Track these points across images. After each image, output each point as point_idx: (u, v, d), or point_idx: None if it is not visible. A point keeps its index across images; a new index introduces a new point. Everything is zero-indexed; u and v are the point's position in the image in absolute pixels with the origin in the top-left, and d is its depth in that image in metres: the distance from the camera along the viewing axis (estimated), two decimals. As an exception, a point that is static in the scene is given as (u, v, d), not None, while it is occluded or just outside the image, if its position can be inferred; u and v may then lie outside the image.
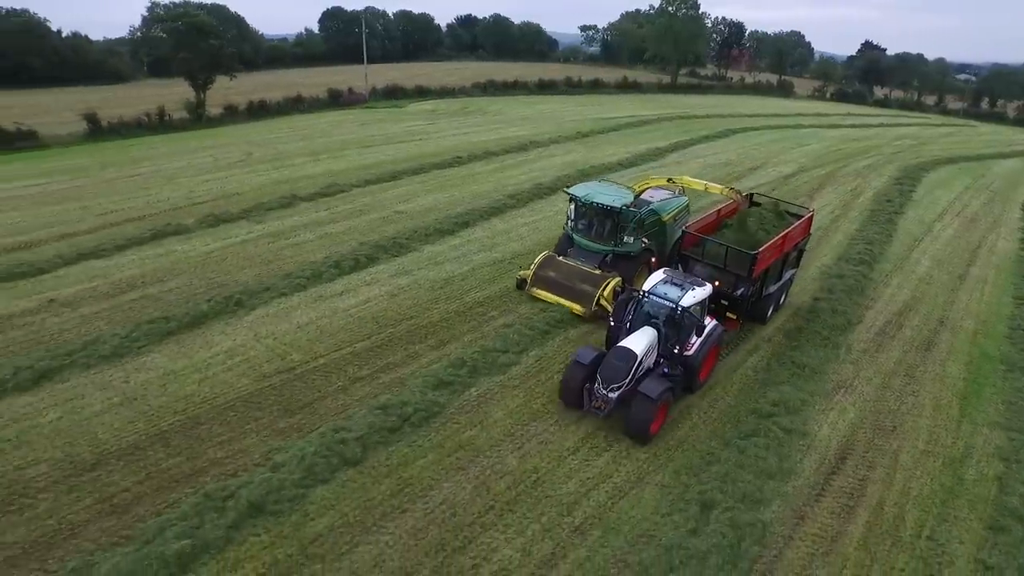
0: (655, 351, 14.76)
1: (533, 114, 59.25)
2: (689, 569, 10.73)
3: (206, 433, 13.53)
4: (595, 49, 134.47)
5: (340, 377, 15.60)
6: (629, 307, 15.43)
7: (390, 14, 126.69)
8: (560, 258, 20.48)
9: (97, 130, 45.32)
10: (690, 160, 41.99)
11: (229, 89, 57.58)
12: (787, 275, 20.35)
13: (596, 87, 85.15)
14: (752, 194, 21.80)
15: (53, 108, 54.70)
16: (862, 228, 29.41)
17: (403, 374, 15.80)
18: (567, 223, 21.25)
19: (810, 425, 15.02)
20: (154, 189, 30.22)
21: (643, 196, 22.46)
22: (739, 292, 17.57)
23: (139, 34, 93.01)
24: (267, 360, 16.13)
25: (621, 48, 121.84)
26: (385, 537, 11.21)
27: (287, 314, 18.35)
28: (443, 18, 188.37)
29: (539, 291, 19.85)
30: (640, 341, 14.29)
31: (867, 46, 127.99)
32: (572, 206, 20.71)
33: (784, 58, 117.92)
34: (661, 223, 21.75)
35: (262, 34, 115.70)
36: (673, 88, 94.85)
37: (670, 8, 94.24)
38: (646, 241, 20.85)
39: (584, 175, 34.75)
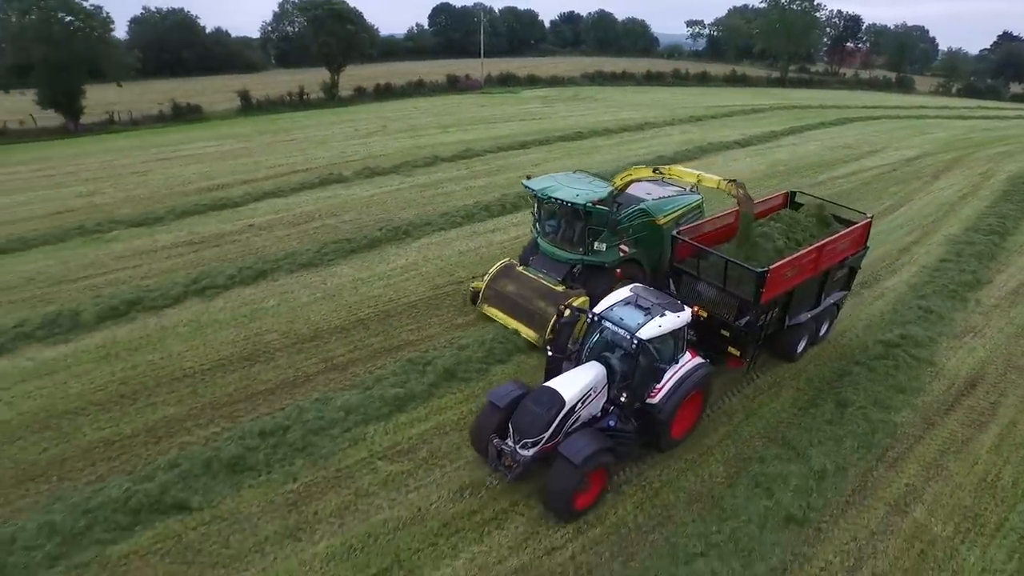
0: (602, 395, 11.03)
1: (644, 101, 60.34)
2: (827, 447, 12.05)
3: (397, 322, 16.10)
4: (700, 45, 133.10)
5: (502, 290, 17.84)
6: (587, 334, 11.84)
7: (496, 10, 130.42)
8: (520, 268, 16.48)
9: (248, 106, 50.96)
10: (806, 143, 41.92)
11: (353, 76, 62.56)
12: (829, 300, 15.45)
13: (704, 80, 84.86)
14: (793, 192, 17.32)
15: (204, 91, 60.96)
16: (994, 205, 28.88)
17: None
18: (534, 224, 17.22)
19: (938, 357, 15.67)
20: (309, 150, 34.12)
21: (637, 191, 17.45)
22: (743, 322, 13.06)
23: (270, 28, 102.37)
24: (437, 275, 18.64)
25: (728, 44, 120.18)
26: (559, 402, 13.20)
27: (448, 243, 20.93)
28: (546, 15, 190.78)
29: (490, 309, 16.05)
30: (576, 381, 10.64)
31: (1005, 37, 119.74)
32: (537, 202, 16.57)
33: (905, 53, 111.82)
34: (655, 227, 16.66)
35: (377, 28, 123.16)
36: (782, 83, 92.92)
37: (782, 0, 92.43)
38: (626, 250, 16.06)
39: (703, 151, 35.91)
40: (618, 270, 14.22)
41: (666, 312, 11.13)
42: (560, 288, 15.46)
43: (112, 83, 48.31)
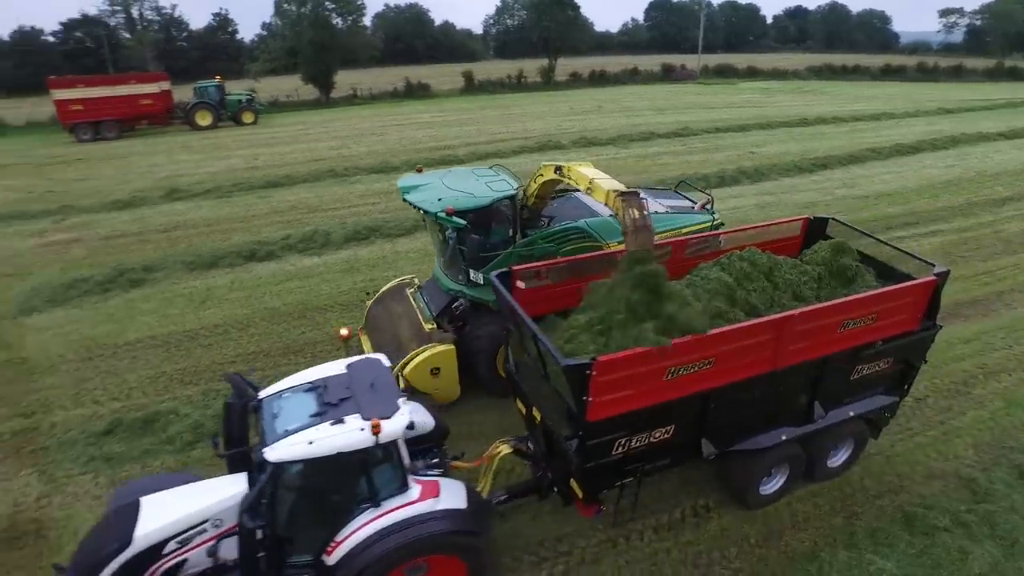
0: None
1: (880, 95, 54.52)
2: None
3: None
4: (956, 38, 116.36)
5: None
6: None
7: (714, 3, 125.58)
8: (411, 291, 12.54)
9: (470, 86, 54.74)
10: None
11: (567, 65, 64.48)
12: (843, 412, 8.64)
13: (957, 74, 74.28)
14: (823, 219, 10.12)
15: (432, 75, 66.16)
16: None
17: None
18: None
19: None
20: (527, 123, 35.93)
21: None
22: (572, 444, 7.09)
23: (492, 21, 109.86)
24: (650, 233, 18.50)
25: (994, 34, 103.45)
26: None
27: None
28: (769, 9, 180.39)
29: (364, 336, 12.38)
30: (186, 503, 6.43)
31: None
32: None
33: None
34: None
35: (592, 23, 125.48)
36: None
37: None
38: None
39: (955, 141, 31.65)
40: (344, 330, 9.71)
41: (348, 418, 6.39)
42: (429, 327, 11.08)
43: (357, 68, 55.11)
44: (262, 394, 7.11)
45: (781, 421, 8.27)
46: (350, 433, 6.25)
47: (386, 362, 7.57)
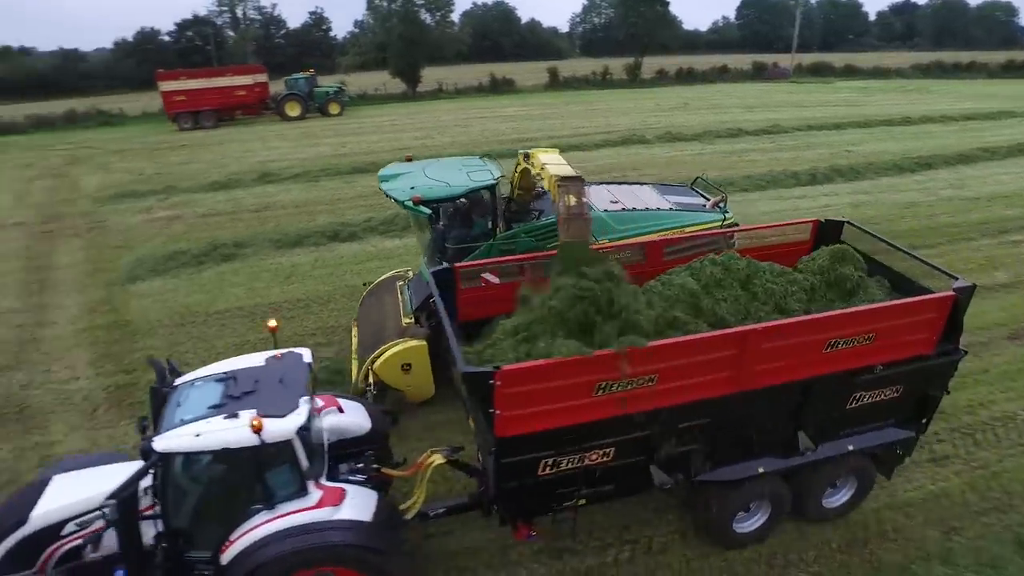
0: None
1: (998, 93, 50.43)
2: None
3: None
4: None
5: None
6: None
7: (812, 1, 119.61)
8: (400, 284, 12.01)
9: (555, 82, 54.84)
10: None
11: (653, 63, 63.41)
12: (840, 445, 7.44)
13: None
14: (838, 222, 9.03)
15: (517, 72, 66.55)
16: None
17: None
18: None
19: None
20: (612, 118, 35.74)
21: (624, 198, 11.83)
22: (490, 462, 6.43)
23: (578, 19, 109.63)
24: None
25: None
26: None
27: (751, 203, 20.03)
28: (872, 6, 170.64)
29: (354, 328, 12.05)
30: (88, 486, 6.43)
31: None
32: None
33: None
34: None
35: (680, 21, 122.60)
36: None
37: None
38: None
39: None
40: (272, 322, 8.10)
41: (242, 413, 6.02)
42: (407, 321, 10.60)
43: (444, 64, 56.37)
44: (178, 380, 6.88)
45: (759, 451, 7.20)
46: (238, 429, 5.88)
47: (307, 357, 7.20)
